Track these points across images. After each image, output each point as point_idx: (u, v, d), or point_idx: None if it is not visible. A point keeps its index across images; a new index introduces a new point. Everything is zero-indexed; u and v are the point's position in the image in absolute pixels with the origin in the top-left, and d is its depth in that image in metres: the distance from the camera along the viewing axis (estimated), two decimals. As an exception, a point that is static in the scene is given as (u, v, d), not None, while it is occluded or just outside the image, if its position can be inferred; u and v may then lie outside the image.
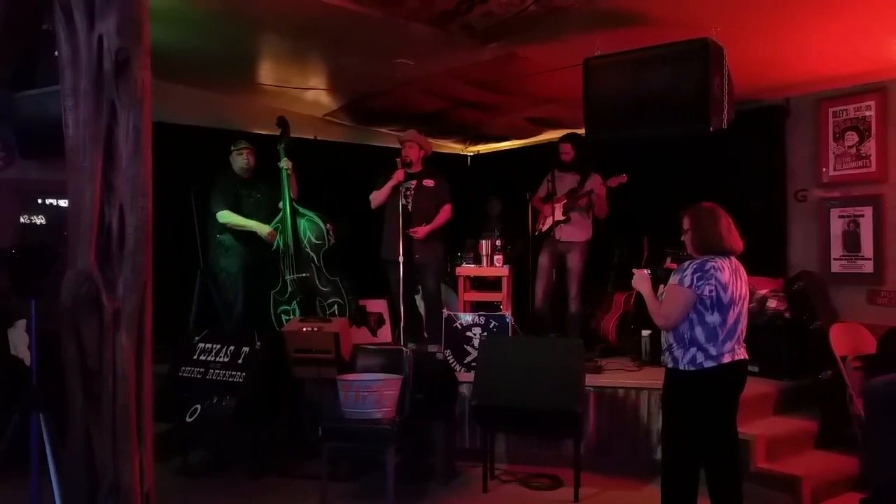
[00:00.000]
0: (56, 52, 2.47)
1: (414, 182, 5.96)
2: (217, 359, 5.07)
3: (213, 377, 4.98)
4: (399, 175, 5.86)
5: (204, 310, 5.80)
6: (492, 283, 6.28)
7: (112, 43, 2.35)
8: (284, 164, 5.87)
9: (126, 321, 2.34)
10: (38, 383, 3.16)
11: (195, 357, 5.14)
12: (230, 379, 4.93)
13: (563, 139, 6.29)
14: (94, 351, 2.30)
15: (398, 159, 5.94)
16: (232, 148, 5.92)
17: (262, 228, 5.82)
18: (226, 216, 5.74)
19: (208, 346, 5.18)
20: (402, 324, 5.70)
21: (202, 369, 5.05)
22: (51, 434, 3.04)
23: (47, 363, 3.11)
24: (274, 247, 5.86)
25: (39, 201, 5.65)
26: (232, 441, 5.29)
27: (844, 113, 5.75)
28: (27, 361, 3.23)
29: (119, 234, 2.36)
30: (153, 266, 2.46)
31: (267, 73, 5.97)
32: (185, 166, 5.76)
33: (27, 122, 3.98)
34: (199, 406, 4.81)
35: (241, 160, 5.88)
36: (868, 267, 5.61)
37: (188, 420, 4.80)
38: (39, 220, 5.60)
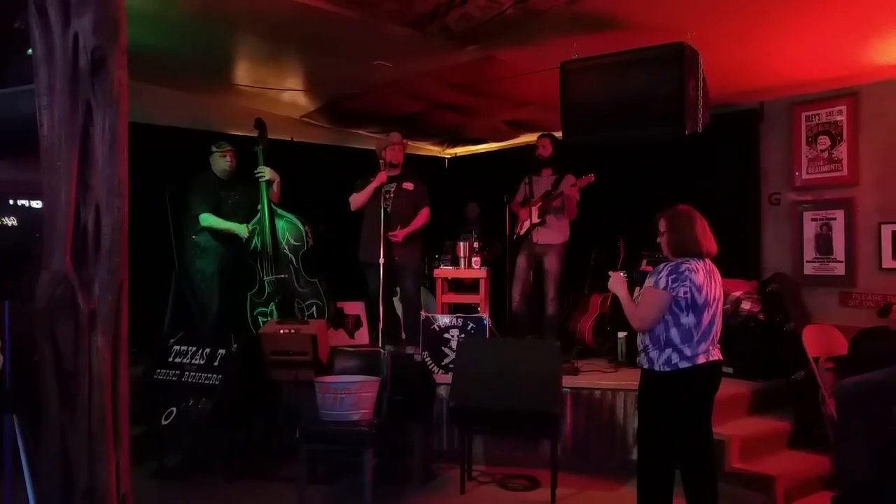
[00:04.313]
0: (29, 50, 2.44)
1: (394, 185, 5.96)
2: (193, 361, 5.03)
3: (189, 379, 4.94)
4: (382, 176, 5.85)
5: (179, 312, 5.76)
6: (469, 286, 6.29)
7: (88, 41, 2.32)
8: (268, 174, 5.84)
9: (102, 322, 2.31)
10: (12, 385, 3.13)
11: (170, 359, 5.09)
12: (206, 381, 4.89)
13: (543, 135, 6.34)
14: (70, 353, 2.27)
15: (382, 161, 5.92)
16: (214, 149, 5.87)
17: (240, 229, 5.79)
18: (208, 219, 5.70)
19: (184, 348, 5.13)
20: (381, 326, 5.68)
21: (178, 371, 5.01)
22: (25, 437, 3.00)
23: (21, 365, 3.08)
24: (251, 247, 5.83)
25: (11, 202, 5.57)
26: (208, 444, 5.25)
27: (817, 117, 5.84)
28: (0, 364, 3.18)
29: (95, 235, 2.33)
30: (128, 267, 2.44)
31: (243, 74, 5.94)
32: (160, 167, 5.71)
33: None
34: (174, 409, 4.77)
35: (223, 162, 5.85)
36: (840, 269, 5.70)
37: (164, 423, 4.75)
38: (11, 221, 5.52)
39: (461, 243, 6.23)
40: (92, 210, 2.34)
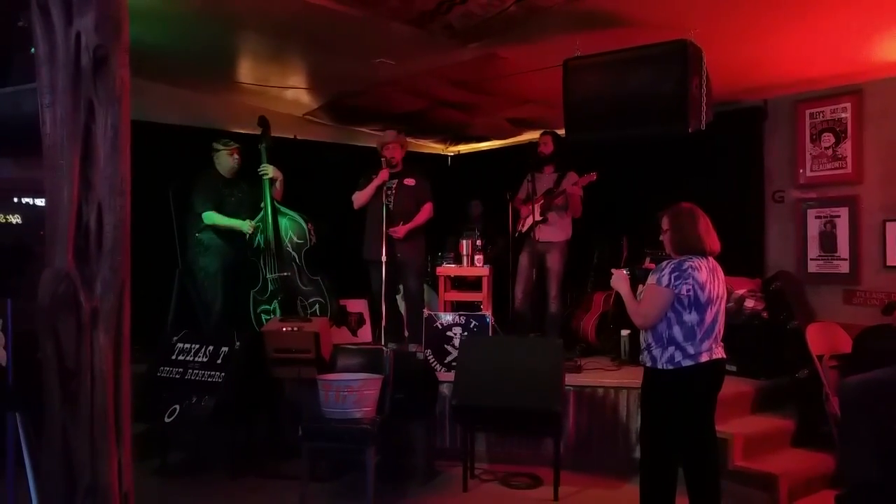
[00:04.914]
0: (32, 49, 2.44)
1: (395, 181, 5.96)
2: (196, 359, 5.04)
3: (192, 377, 4.95)
4: (384, 174, 5.86)
5: (183, 309, 5.76)
6: (472, 283, 6.29)
7: (90, 40, 2.32)
8: (271, 171, 5.84)
9: (104, 320, 2.31)
10: (15, 383, 3.13)
11: (174, 357, 5.11)
12: (209, 379, 4.90)
13: (545, 132, 6.35)
14: (72, 350, 2.28)
15: (383, 158, 5.93)
16: (220, 147, 5.85)
17: (243, 225, 5.79)
18: (211, 217, 5.70)
19: (187, 345, 5.14)
20: (384, 323, 5.69)
21: (181, 369, 5.02)
22: (27, 434, 3.01)
23: (24, 363, 3.09)
24: (255, 245, 5.83)
25: (15, 200, 5.58)
26: (211, 441, 5.26)
27: (821, 115, 5.82)
28: (2, 361, 3.19)
29: (97, 233, 2.33)
30: (131, 265, 2.44)
31: (246, 72, 5.94)
32: (163, 165, 5.72)
33: (1, 119, 3.93)
34: (177, 406, 4.78)
35: (231, 160, 5.84)
36: (844, 267, 5.68)
37: (167, 420, 4.77)
38: (15, 219, 5.53)
39: (464, 241, 6.23)
40: (94, 208, 2.34)
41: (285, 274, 5.84)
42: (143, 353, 5.18)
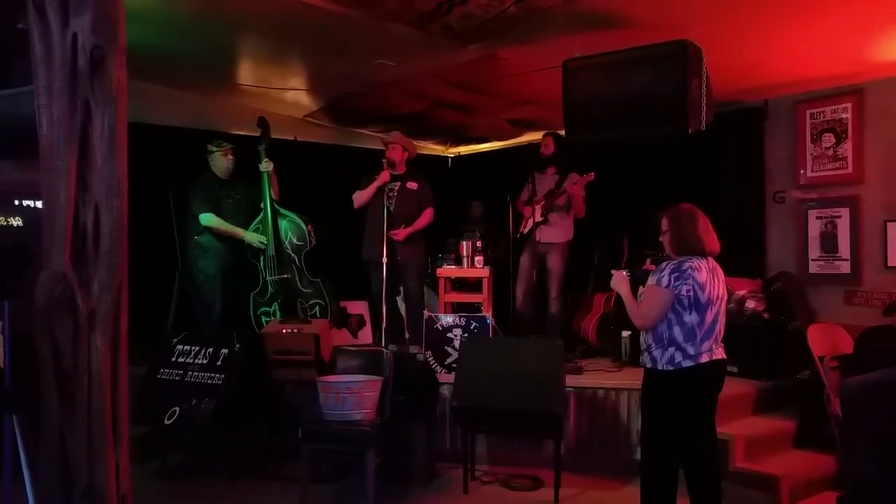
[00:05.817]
0: (30, 51, 2.44)
1: (397, 184, 5.94)
2: (196, 361, 5.03)
3: (192, 379, 4.94)
4: (385, 175, 5.84)
5: (183, 311, 5.76)
6: (472, 285, 6.28)
7: (87, 41, 2.32)
8: (266, 165, 5.84)
9: (101, 322, 2.31)
10: (12, 385, 3.13)
11: (173, 359, 5.09)
12: (209, 381, 4.89)
13: (546, 133, 6.33)
14: (69, 352, 2.27)
15: (384, 160, 5.92)
16: (214, 149, 5.83)
17: (252, 237, 5.78)
18: (210, 220, 5.69)
19: (187, 347, 5.13)
20: (385, 325, 5.68)
21: (180, 371, 5.01)
22: (24, 436, 3.00)
23: (21, 365, 3.08)
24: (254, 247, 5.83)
25: (16, 202, 5.58)
26: (210, 443, 5.25)
27: (821, 115, 5.81)
28: (0, 364, 3.18)
29: (94, 235, 2.33)
30: (131, 267, 2.43)
31: (246, 74, 5.93)
32: (163, 167, 5.72)
33: (1, 122, 3.93)
34: (177, 408, 4.77)
35: (226, 161, 5.82)
36: (845, 268, 5.67)
37: (166, 422, 4.75)
38: (16, 221, 5.53)
39: (464, 242, 6.22)
40: (91, 209, 2.34)
41: (285, 276, 5.83)
42: (143, 355, 5.18)
